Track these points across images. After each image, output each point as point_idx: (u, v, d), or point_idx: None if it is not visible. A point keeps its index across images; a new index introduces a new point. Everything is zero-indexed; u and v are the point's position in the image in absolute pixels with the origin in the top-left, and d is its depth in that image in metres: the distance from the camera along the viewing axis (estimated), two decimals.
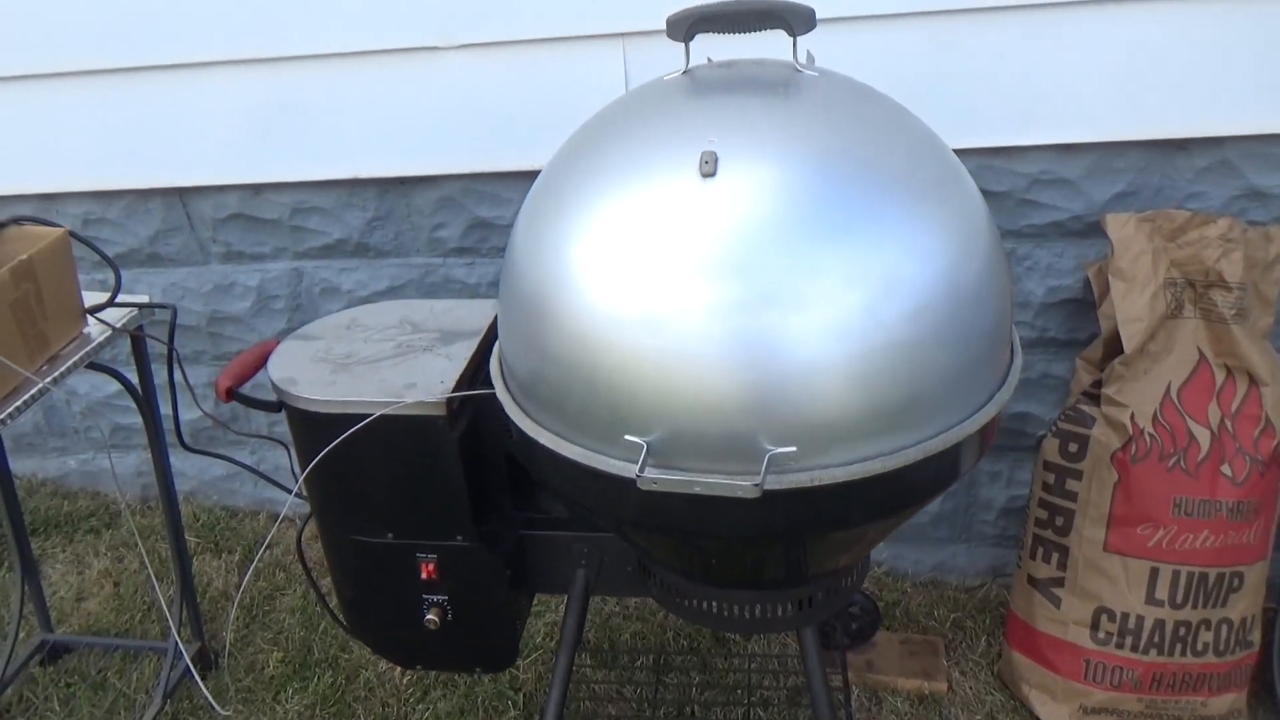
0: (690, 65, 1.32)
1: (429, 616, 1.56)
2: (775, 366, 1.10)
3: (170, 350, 1.80)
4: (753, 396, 1.11)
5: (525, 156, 2.06)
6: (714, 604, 1.47)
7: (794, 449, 1.11)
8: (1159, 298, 1.85)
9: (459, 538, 1.51)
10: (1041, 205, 2.00)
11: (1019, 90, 1.89)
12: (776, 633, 1.70)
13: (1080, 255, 2.04)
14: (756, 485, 1.08)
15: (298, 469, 1.56)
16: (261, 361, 1.62)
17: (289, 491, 1.77)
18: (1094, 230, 2.00)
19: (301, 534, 1.75)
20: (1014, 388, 1.28)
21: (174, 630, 2.06)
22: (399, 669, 2.15)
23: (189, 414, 2.56)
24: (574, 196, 1.23)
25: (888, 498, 1.20)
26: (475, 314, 1.65)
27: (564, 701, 1.62)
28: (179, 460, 2.59)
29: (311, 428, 1.47)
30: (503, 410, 1.36)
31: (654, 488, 1.12)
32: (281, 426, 2.21)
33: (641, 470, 1.12)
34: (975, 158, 1.96)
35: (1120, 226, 1.88)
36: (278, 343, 1.65)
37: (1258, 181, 1.90)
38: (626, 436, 1.16)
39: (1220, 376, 1.87)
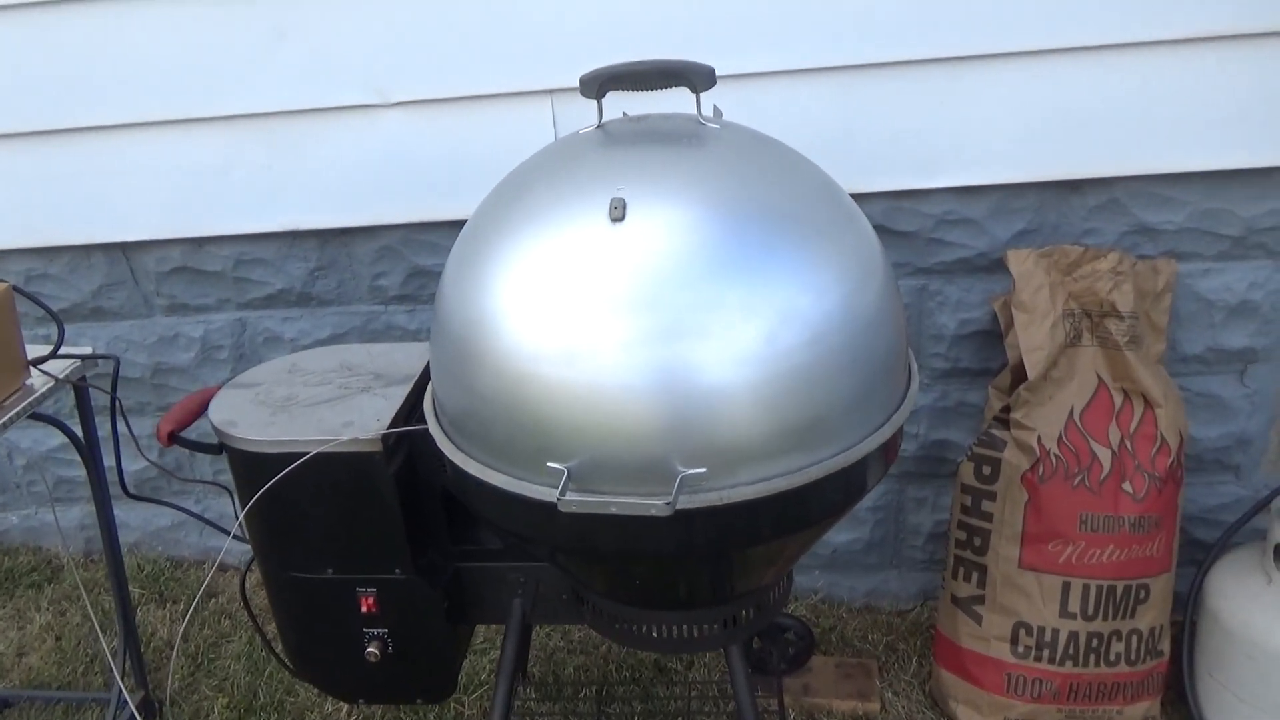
0: (604, 120, 1.42)
1: (369, 650, 1.61)
2: (684, 394, 1.19)
3: (113, 400, 1.84)
4: (664, 422, 1.19)
5: (461, 206, 2.13)
6: (645, 626, 1.54)
7: (704, 470, 1.20)
8: (1058, 327, 1.98)
9: (397, 571, 1.57)
10: (948, 244, 2.13)
11: (921, 138, 2.03)
12: (705, 651, 1.76)
13: (987, 290, 2.17)
14: (668, 504, 1.16)
15: (240, 512, 1.62)
16: (202, 406, 1.67)
17: (221, 530, 1.81)
18: (999, 266, 2.13)
19: (245, 576, 1.79)
20: (911, 408, 1.38)
21: (118, 678, 2.07)
22: (344, 710, 2.18)
23: (133, 465, 2.58)
24: (496, 242, 1.31)
25: (796, 513, 1.29)
26: (410, 356, 1.72)
27: None
28: (123, 512, 2.61)
29: (252, 468, 1.52)
30: (435, 444, 1.43)
31: (574, 509, 1.19)
32: (226, 475, 2.24)
33: (562, 494, 1.20)
34: (883, 200, 2.09)
35: (1020, 262, 2.01)
36: (218, 388, 1.71)
37: (1145, 218, 2.05)
38: (549, 464, 1.24)
39: (1118, 400, 2.00)
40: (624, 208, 1.23)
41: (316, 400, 1.59)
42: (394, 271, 2.29)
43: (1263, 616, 1.92)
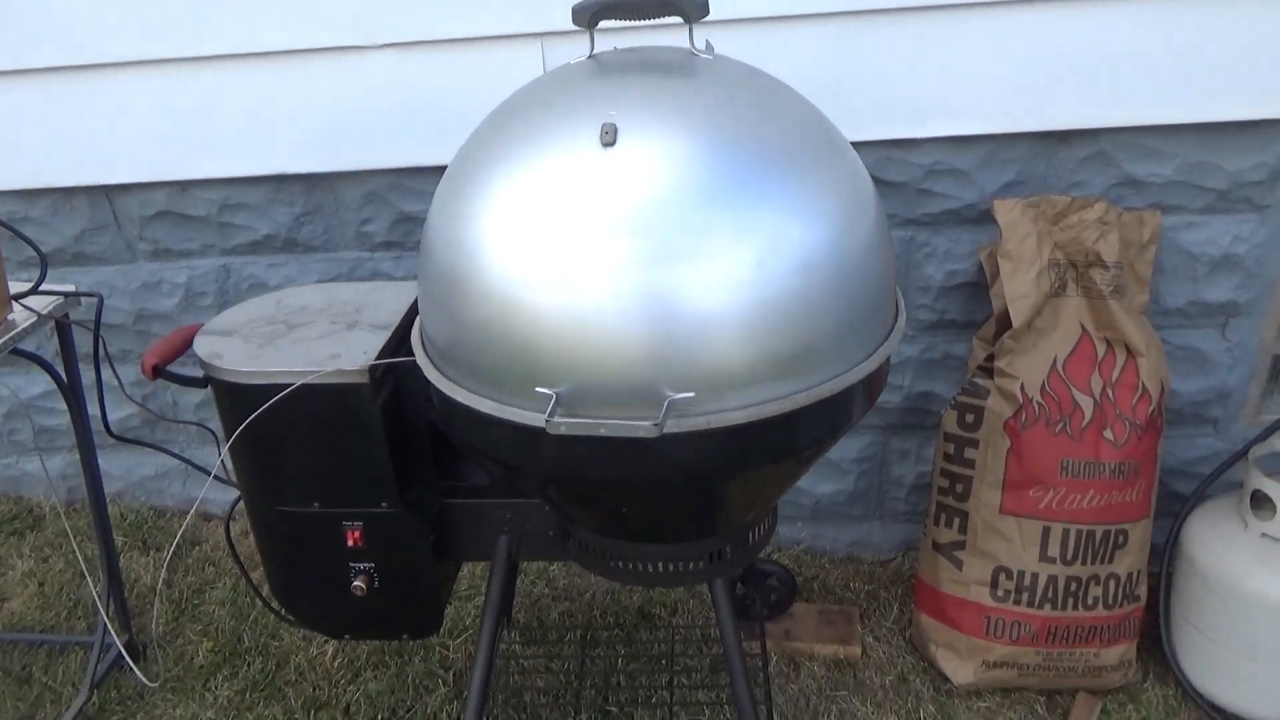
0: (596, 51, 1.41)
1: (355, 584, 1.61)
2: (673, 318, 1.19)
3: (96, 337, 1.83)
4: (653, 347, 1.20)
5: (449, 152, 2.11)
6: (631, 561, 1.55)
7: (692, 394, 1.20)
8: (1044, 277, 2.00)
9: (384, 504, 1.57)
10: (937, 194, 2.14)
11: (913, 87, 2.03)
12: (691, 584, 1.78)
13: (975, 241, 2.18)
14: (656, 425, 1.17)
15: (224, 447, 1.61)
16: (187, 341, 1.66)
17: (214, 476, 1.81)
18: (986, 217, 2.14)
19: (229, 520, 1.79)
20: (899, 342, 1.39)
21: (104, 617, 2.07)
22: (330, 653, 2.19)
23: (116, 411, 2.57)
24: (485, 168, 1.31)
25: (782, 440, 1.29)
26: (399, 294, 1.72)
27: (490, 668, 1.67)
28: (106, 461, 2.60)
29: (238, 400, 1.51)
30: (422, 376, 1.43)
31: (562, 431, 1.20)
32: (212, 417, 2.24)
33: (550, 416, 1.20)
34: (874, 150, 2.09)
35: (1007, 211, 2.02)
36: (201, 325, 1.70)
37: (1133, 170, 2.06)
38: (537, 389, 1.24)
39: (1101, 349, 2.02)
40: (615, 133, 1.22)
41: (304, 335, 1.59)
42: (380, 218, 2.27)
43: (1238, 562, 1.95)
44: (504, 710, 2.03)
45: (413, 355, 1.49)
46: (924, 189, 2.14)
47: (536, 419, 1.24)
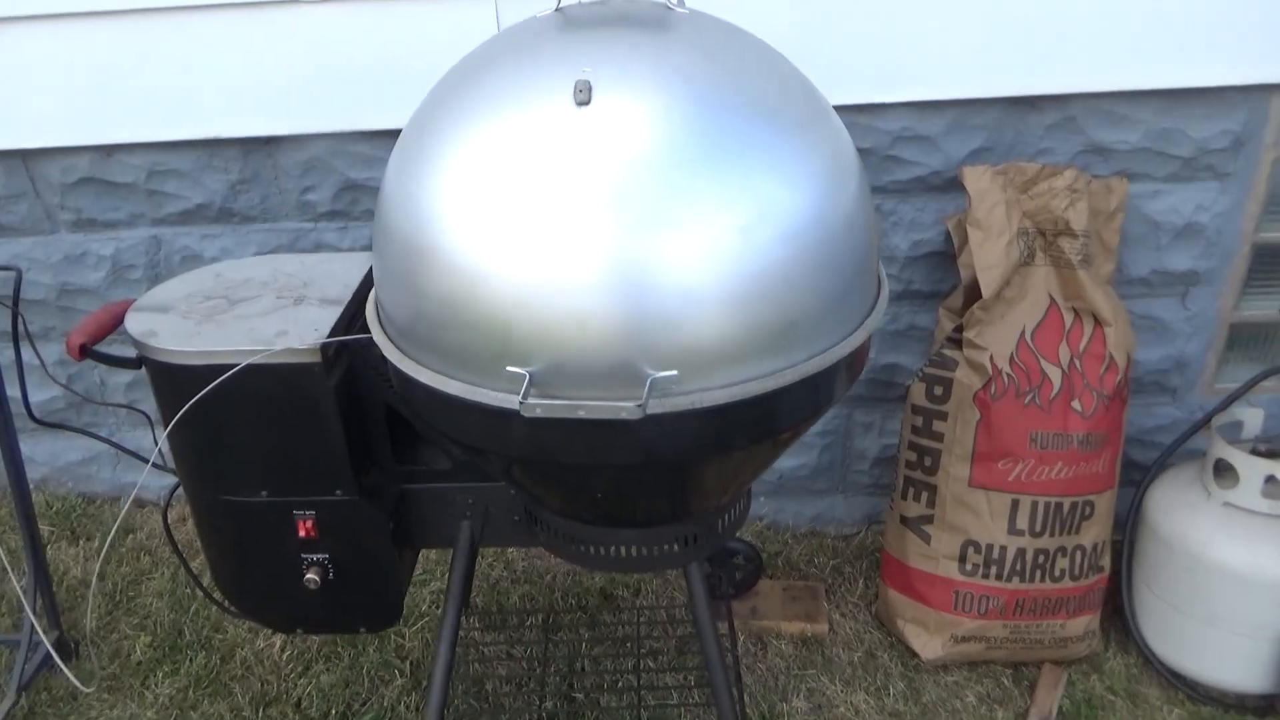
0: (561, 4, 1.32)
1: (309, 576, 1.52)
2: (654, 291, 1.11)
3: (14, 315, 1.68)
4: (632, 322, 1.12)
5: (398, 115, 2.02)
6: (603, 545, 1.48)
7: (675, 373, 1.13)
8: (1013, 246, 1.96)
9: (338, 492, 1.48)
10: (904, 161, 2.09)
11: (882, 50, 1.97)
12: (664, 569, 1.72)
13: (941, 210, 2.14)
14: (639, 405, 1.10)
15: (160, 436, 1.49)
16: (117, 318, 1.54)
17: (151, 464, 1.69)
18: (953, 185, 2.10)
19: (167, 508, 1.67)
20: (883, 313, 1.33)
21: (30, 614, 1.93)
22: (278, 645, 2.08)
23: (39, 394, 2.41)
24: (445, 132, 1.21)
25: (767, 419, 1.23)
26: (350, 267, 1.61)
27: (452, 659, 1.60)
28: (28, 446, 2.44)
29: (176, 382, 1.40)
30: (379, 354, 1.33)
31: (538, 414, 1.12)
32: (144, 398, 2.10)
33: (524, 398, 1.12)
34: (841, 114, 2.02)
35: (976, 178, 1.98)
36: (132, 301, 1.57)
37: (1100, 137, 2.03)
38: (508, 368, 1.15)
39: (1069, 319, 2.00)
40: (589, 90, 1.13)
41: (247, 311, 1.47)
42: (324, 185, 2.15)
43: (1201, 530, 1.96)
44: (465, 701, 1.95)
45: (368, 332, 1.39)
46: (891, 155, 2.09)
47: (509, 401, 1.15)
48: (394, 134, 2.07)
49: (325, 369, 1.38)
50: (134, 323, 1.44)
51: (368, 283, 1.57)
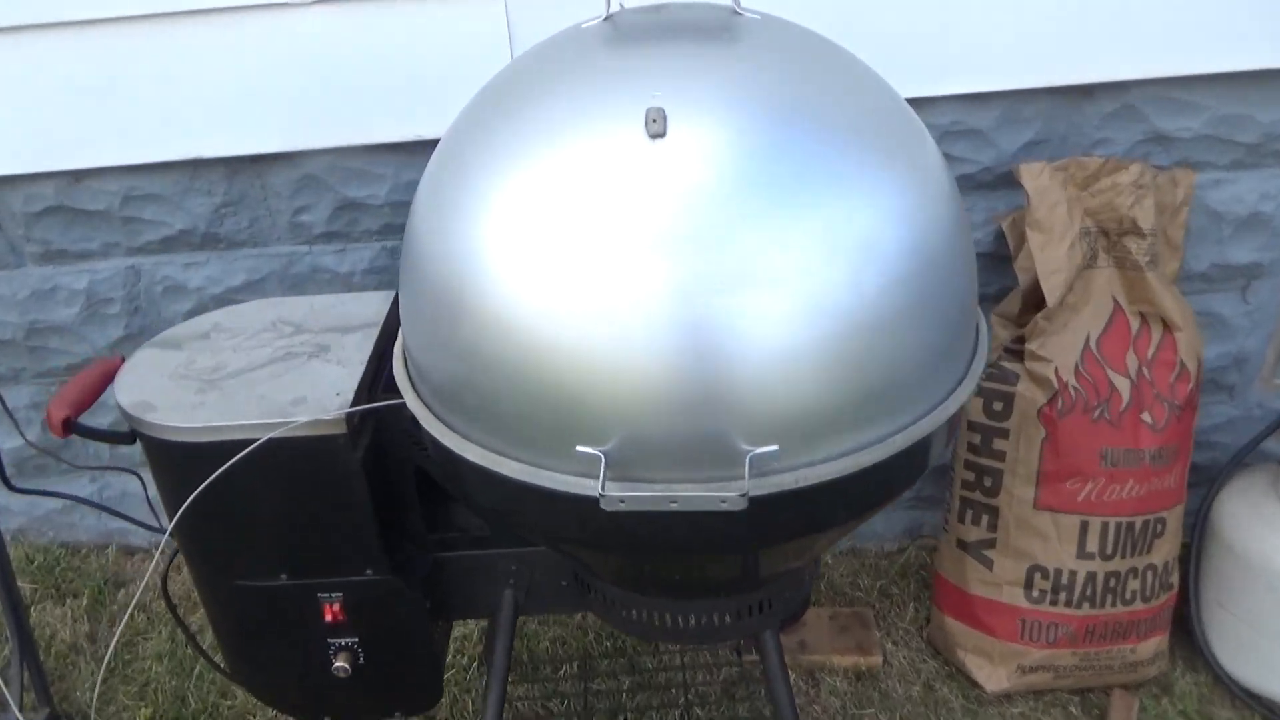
0: (611, 10, 1.14)
1: (337, 664, 1.35)
2: (750, 353, 0.95)
3: None
4: (726, 390, 0.96)
5: (398, 126, 1.83)
6: (668, 616, 1.32)
7: (775, 447, 0.97)
8: (1076, 248, 1.81)
9: (368, 571, 1.31)
10: (953, 158, 1.93)
11: (928, 40, 1.80)
12: (736, 639, 1.58)
13: (990, 208, 1.98)
14: (743, 495, 0.94)
15: (160, 504, 1.32)
16: (103, 382, 1.35)
17: (144, 526, 1.51)
18: (1003, 182, 1.95)
19: (166, 573, 1.49)
20: (986, 357, 1.18)
21: (12, 701, 1.75)
22: None
23: (10, 442, 2.21)
24: (490, 166, 1.03)
25: (875, 492, 1.08)
26: (364, 309, 1.43)
27: None
28: (2, 495, 2.23)
29: (178, 462, 1.22)
30: (415, 423, 1.16)
31: (621, 508, 0.95)
32: (128, 450, 1.90)
33: (604, 489, 0.95)
34: None
35: (1035, 176, 1.82)
36: (122, 359, 1.39)
37: (1161, 125, 1.88)
38: (578, 448, 0.99)
39: (1135, 324, 1.85)
40: (665, 120, 0.96)
41: (253, 370, 1.29)
42: (318, 205, 1.95)
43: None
44: None
45: (396, 394, 1.22)
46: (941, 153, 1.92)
47: (581, 487, 0.99)
48: (393, 148, 1.88)
49: (351, 439, 1.21)
50: (125, 393, 1.26)
51: (389, 329, 1.40)
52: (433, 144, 1.89)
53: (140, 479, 1.58)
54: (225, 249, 2.01)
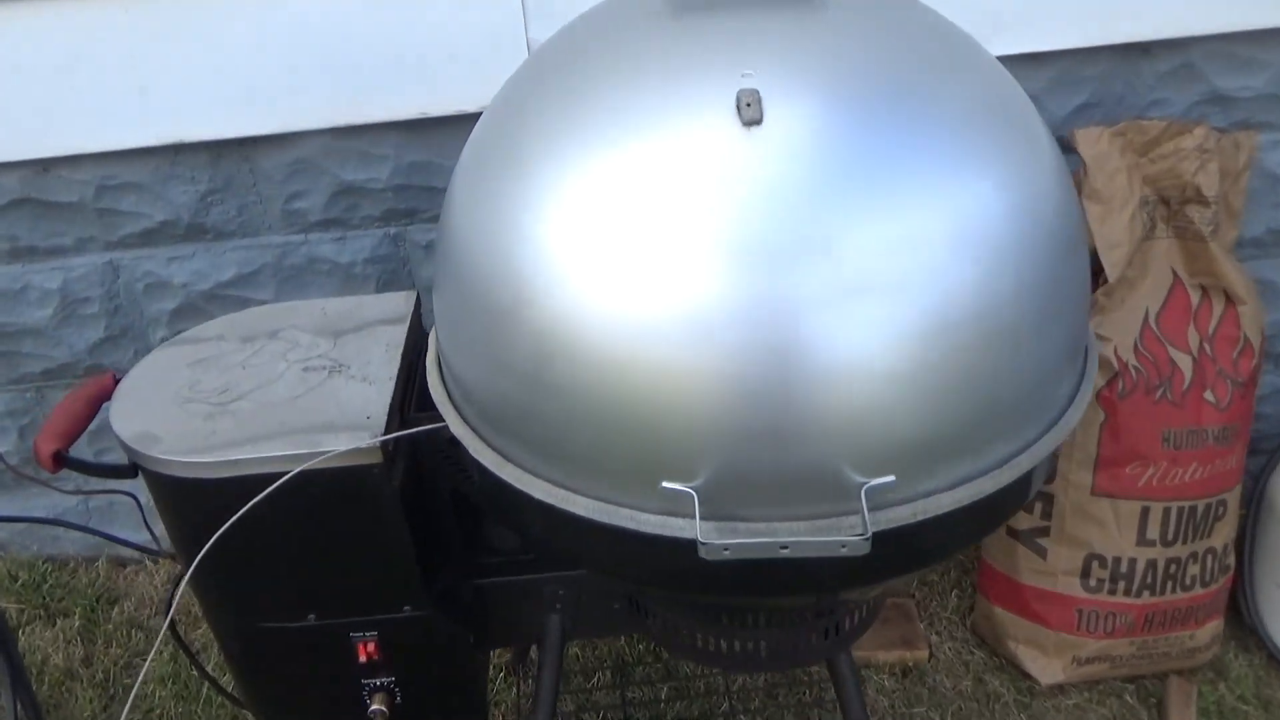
0: None
1: (374, 707, 1.22)
2: (865, 373, 0.82)
3: None
4: (835, 415, 0.83)
5: (401, 102, 1.67)
6: (733, 642, 1.21)
7: (891, 478, 0.85)
8: (1136, 219, 1.70)
9: (406, 608, 1.18)
10: None
11: None
12: (805, 665, 1.47)
13: None
14: (864, 538, 0.81)
15: (157, 520, 1.18)
16: (94, 406, 1.20)
17: (142, 549, 1.37)
18: None
19: (174, 597, 1.35)
20: (1096, 366, 1.06)
21: None
22: None
23: None
24: (555, 155, 0.89)
25: (989, 520, 0.97)
26: (384, 312, 1.28)
27: None
28: None
29: (189, 499, 1.08)
30: (453, 444, 1.02)
31: (725, 556, 0.83)
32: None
33: (705, 536, 0.83)
34: None
35: (1092, 142, 1.69)
36: (114, 378, 1.23)
37: (1220, 84, 1.76)
38: (664, 484, 0.86)
39: (1196, 298, 1.75)
40: (760, 103, 0.82)
41: (267, 389, 1.15)
42: (314, 191, 1.79)
43: None
44: None
45: (430, 412, 1.08)
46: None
47: (671, 529, 0.86)
48: (394, 126, 1.72)
49: (387, 467, 1.07)
50: (124, 422, 1.11)
51: (415, 337, 1.25)
52: (440, 122, 1.74)
53: (135, 499, 1.43)
54: (212, 240, 1.84)
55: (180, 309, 1.88)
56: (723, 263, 0.81)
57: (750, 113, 0.81)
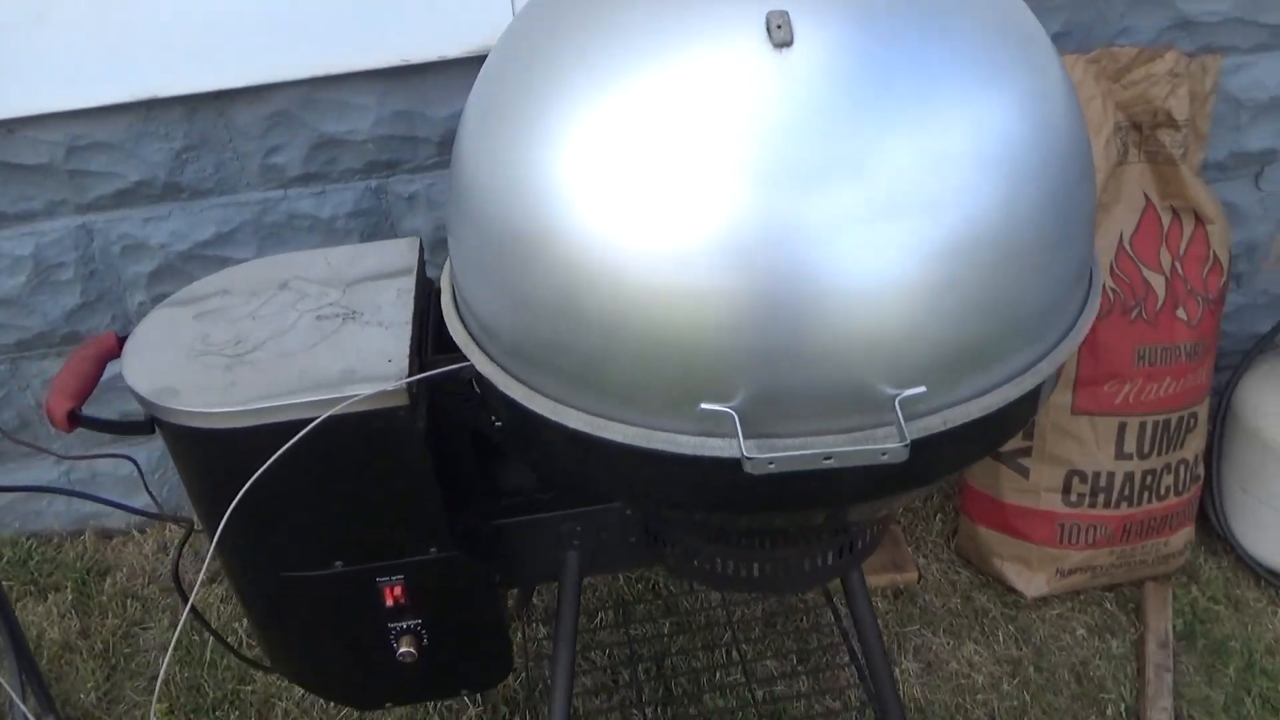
0: None
1: (402, 650, 1.24)
2: (899, 289, 0.85)
3: None
4: (870, 331, 0.86)
5: (381, 50, 1.64)
6: (749, 566, 1.24)
7: (923, 389, 0.88)
8: (1111, 144, 1.74)
9: (432, 550, 1.19)
10: None
11: None
12: (819, 585, 1.51)
13: None
14: (904, 445, 0.84)
15: (156, 486, 1.17)
16: (100, 365, 1.19)
17: (142, 513, 1.37)
18: None
19: (177, 561, 1.35)
20: (1100, 285, 1.10)
21: (19, 702, 1.61)
22: None
23: None
24: (579, 85, 0.89)
25: (1010, 426, 1.01)
26: (389, 261, 1.28)
27: (569, 706, 1.36)
28: None
29: (213, 451, 1.07)
30: (470, 385, 1.03)
31: (771, 470, 0.85)
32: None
33: (746, 450, 0.85)
34: None
35: (1068, 70, 1.73)
36: (117, 337, 1.22)
37: (1186, 9, 1.81)
38: (703, 405, 0.88)
39: (1167, 219, 1.81)
40: (790, 25, 0.83)
41: (281, 339, 1.14)
42: (292, 145, 1.76)
43: None
44: None
45: (448, 354, 1.09)
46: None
47: (713, 449, 0.89)
48: (379, 75, 1.69)
49: (413, 409, 1.08)
50: (140, 378, 1.09)
51: (423, 281, 1.25)
52: (422, 69, 1.72)
53: (134, 462, 1.42)
54: (189, 199, 1.80)
55: (159, 271, 1.84)
56: (757, 185, 0.83)
57: (781, 34, 0.82)
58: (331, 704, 1.77)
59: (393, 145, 1.76)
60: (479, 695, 1.78)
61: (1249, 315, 2.19)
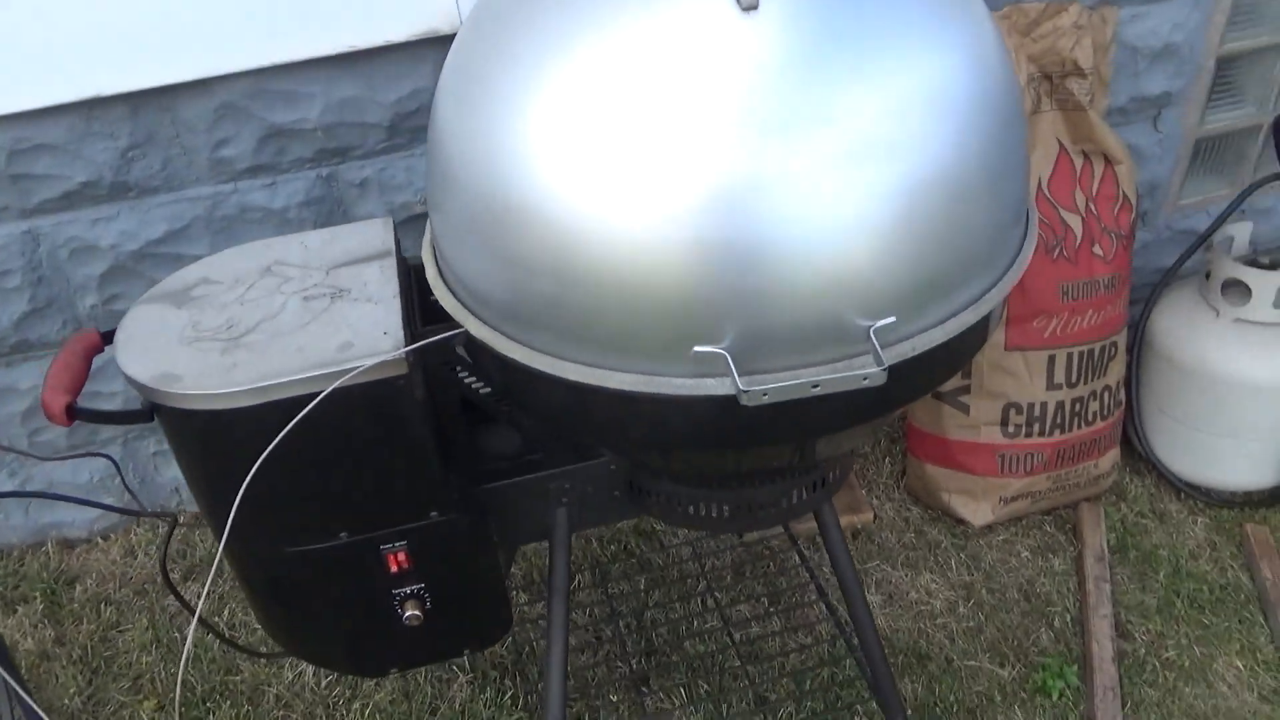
0: None
1: (408, 613, 1.29)
2: (868, 229, 0.93)
3: None
4: (844, 268, 0.94)
5: (328, 37, 1.66)
6: (727, 506, 1.32)
7: (893, 319, 0.97)
8: (1025, 95, 1.86)
9: (433, 514, 1.24)
10: None
11: None
12: (793, 520, 1.60)
13: None
14: (883, 369, 0.93)
15: (134, 486, 1.19)
16: (87, 360, 1.20)
17: (122, 511, 1.37)
18: None
19: (165, 550, 1.37)
20: (1036, 220, 1.21)
21: (8, 713, 1.60)
22: (310, 672, 1.83)
23: None
24: (552, 47, 0.95)
25: (969, 349, 1.10)
26: (366, 240, 1.31)
27: (566, 666, 1.42)
28: None
29: (217, 433, 1.10)
30: (488, 352, 1.09)
31: (765, 401, 0.93)
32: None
33: (742, 385, 0.93)
34: None
35: None
36: (99, 333, 1.23)
37: None
38: (695, 349, 0.95)
39: (1079, 163, 1.94)
40: None
41: (273, 321, 1.17)
42: (241, 137, 1.76)
43: (1218, 350, 2.01)
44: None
45: (438, 324, 1.14)
46: None
47: (709, 388, 0.96)
48: (325, 62, 1.71)
49: (410, 378, 1.12)
50: (139, 366, 1.12)
51: (403, 257, 1.29)
52: (370, 54, 1.74)
53: (113, 460, 1.43)
54: (137, 198, 1.79)
55: (110, 272, 1.83)
56: (736, 139, 0.90)
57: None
58: (322, 684, 1.81)
59: (342, 132, 1.79)
60: (468, 661, 1.83)
61: (1155, 250, 2.36)
